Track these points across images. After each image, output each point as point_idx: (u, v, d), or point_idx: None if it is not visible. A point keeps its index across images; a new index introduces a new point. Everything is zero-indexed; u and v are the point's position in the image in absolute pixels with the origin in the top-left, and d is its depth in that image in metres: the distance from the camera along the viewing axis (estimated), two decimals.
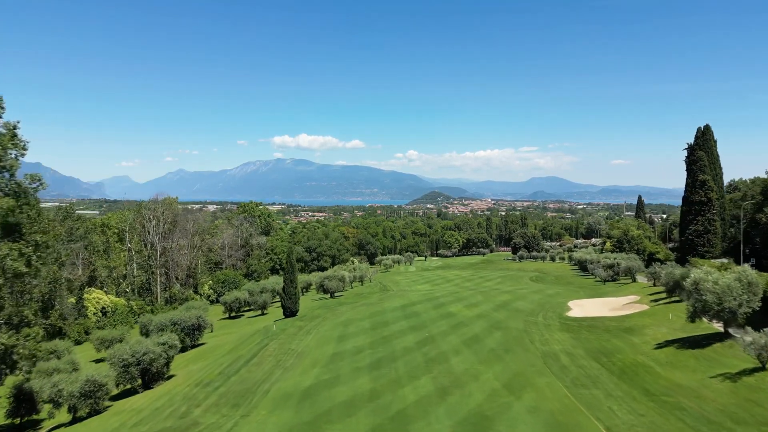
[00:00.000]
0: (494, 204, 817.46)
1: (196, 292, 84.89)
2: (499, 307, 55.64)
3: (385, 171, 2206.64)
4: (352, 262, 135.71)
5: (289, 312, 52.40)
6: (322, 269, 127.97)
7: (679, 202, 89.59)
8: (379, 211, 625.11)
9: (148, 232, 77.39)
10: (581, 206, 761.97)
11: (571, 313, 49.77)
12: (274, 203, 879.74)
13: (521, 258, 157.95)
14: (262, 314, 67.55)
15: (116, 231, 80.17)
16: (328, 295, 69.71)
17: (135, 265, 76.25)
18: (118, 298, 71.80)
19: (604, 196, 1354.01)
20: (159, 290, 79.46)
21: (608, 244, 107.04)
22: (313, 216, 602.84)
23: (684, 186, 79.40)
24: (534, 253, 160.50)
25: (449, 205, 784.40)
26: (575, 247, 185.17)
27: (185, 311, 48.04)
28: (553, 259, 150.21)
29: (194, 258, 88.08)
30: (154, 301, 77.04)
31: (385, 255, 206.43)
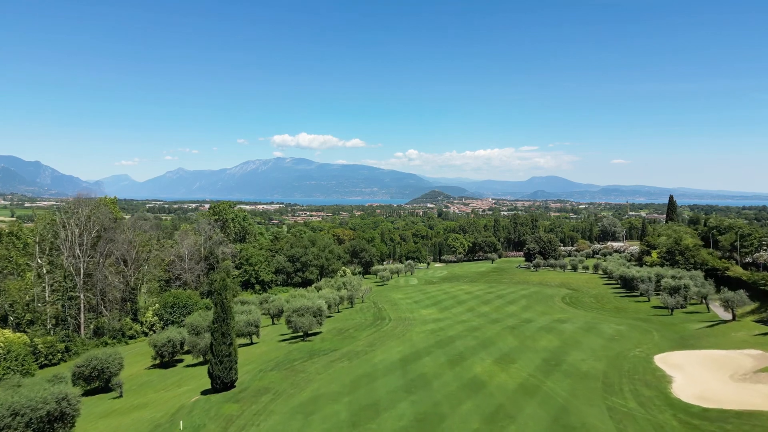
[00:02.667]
0: (495, 203, 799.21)
1: (135, 320, 65.70)
2: (549, 367, 36.48)
3: (385, 170, 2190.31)
4: (344, 273, 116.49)
5: (220, 383, 32.83)
6: (307, 282, 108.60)
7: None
8: (378, 211, 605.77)
9: (66, 243, 58.12)
10: (583, 206, 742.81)
11: (678, 390, 30.47)
12: (272, 202, 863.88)
13: (537, 266, 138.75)
14: (206, 362, 48.26)
15: (28, 242, 60.93)
16: (300, 335, 50.34)
17: (47, 287, 57.03)
18: (17, 334, 52.61)
19: (604, 195, 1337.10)
20: (82, 321, 60.27)
21: (654, 254, 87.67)
22: (311, 216, 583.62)
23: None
24: (551, 261, 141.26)
25: (450, 205, 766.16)
26: (595, 253, 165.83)
27: (36, 393, 28.48)
28: (575, 268, 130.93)
29: (138, 276, 68.98)
30: (73, 337, 57.84)
31: (383, 261, 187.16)
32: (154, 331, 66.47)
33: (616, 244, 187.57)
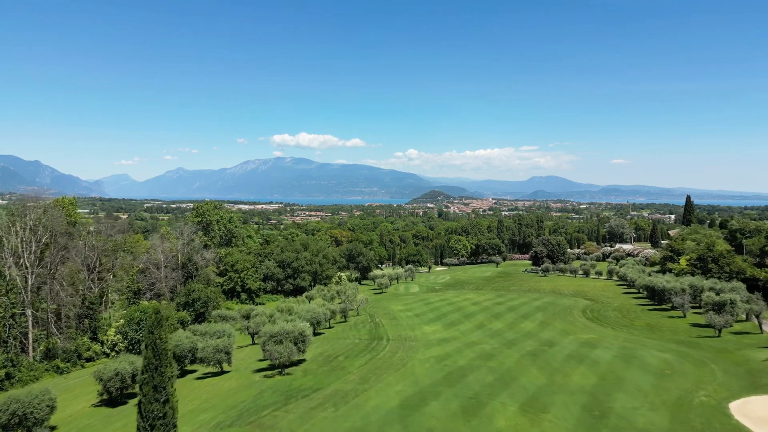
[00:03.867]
0: (496, 203, 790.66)
1: (94, 338, 57.11)
2: (592, 419, 27.93)
3: (385, 170, 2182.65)
4: (339, 279, 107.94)
5: None
6: (299, 290, 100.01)
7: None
8: (378, 211, 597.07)
9: (10, 251, 49.50)
10: (584, 206, 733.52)
11: None
12: (271, 202, 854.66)
13: (546, 271, 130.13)
14: None
15: None
16: (276, 371, 41.51)
17: None
18: None
19: (604, 195, 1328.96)
20: (30, 341, 51.77)
21: (683, 261, 78.97)
22: (310, 216, 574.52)
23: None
24: (561, 265, 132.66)
25: (450, 205, 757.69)
26: (606, 256, 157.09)
27: None
28: (587, 273, 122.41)
29: (102, 287, 60.50)
30: (18, 360, 49.30)
31: (382, 264, 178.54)
32: (117, 352, 57.91)
33: (626, 247, 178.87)
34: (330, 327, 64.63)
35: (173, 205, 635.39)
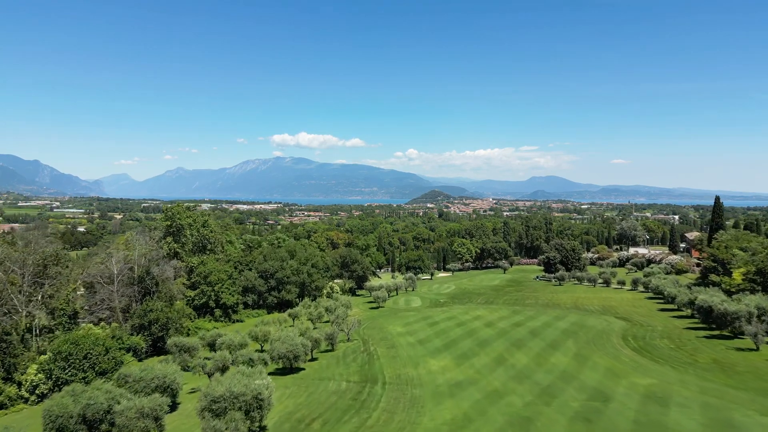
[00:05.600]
0: (496, 203, 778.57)
1: (9, 379, 44.78)
2: None
3: (385, 170, 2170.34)
4: (331, 290, 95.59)
5: None
6: (285, 304, 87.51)
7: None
8: (377, 211, 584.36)
9: None
10: (585, 206, 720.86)
11: None
12: (270, 202, 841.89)
13: (561, 280, 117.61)
14: None
15: None
16: None
17: None
18: None
19: (604, 195, 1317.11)
20: None
21: (737, 275, 66.35)
22: (309, 216, 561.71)
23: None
24: (577, 273, 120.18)
25: (450, 205, 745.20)
26: (623, 262, 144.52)
27: None
28: (607, 283, 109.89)
29: (29, 310, 48.12)
30: None
31: (381, 269, 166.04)
32: (40, 396, 45.52)
33: (641, 251, 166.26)
34: (313, 359, 52.19)
35: (169, 205, 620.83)
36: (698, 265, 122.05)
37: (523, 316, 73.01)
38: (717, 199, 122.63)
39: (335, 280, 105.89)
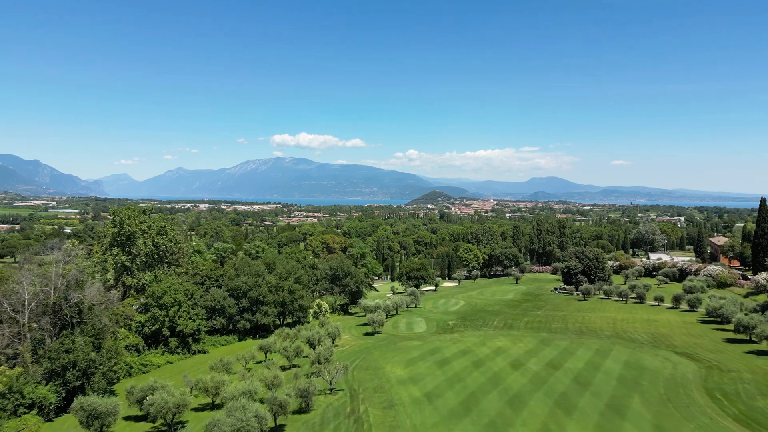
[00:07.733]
0: (497, 204, 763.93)
1: None
2: None
3: (385, 170, 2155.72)
4: (319, 309, 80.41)
5: None
6: (261, 328, 72.24)
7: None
8: (377, 212, 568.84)
9: None
10: (587, 207, 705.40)
11: None
12: (269, 202, 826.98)
13: (586, 294, 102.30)
14: None
15: None
16: None
17: None
18: None
19: (604, 196, 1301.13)
20: None
21: None
22: (307, 217, 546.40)
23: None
24: (604, 286, 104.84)
25: (451, 206, 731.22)
26: (649, 271, 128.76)
27: None
28: (641, 298, 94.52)
29: None
30: None
31: (379, 276, 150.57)
32: None
33: (664, 257, 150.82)
34: (278, 427, 36.98)
35: (167, 205, 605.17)
36: (744, 277, 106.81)
37: (556, 349, 57.84)
38: (763, 201, 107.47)
39: (324, 297, 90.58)
